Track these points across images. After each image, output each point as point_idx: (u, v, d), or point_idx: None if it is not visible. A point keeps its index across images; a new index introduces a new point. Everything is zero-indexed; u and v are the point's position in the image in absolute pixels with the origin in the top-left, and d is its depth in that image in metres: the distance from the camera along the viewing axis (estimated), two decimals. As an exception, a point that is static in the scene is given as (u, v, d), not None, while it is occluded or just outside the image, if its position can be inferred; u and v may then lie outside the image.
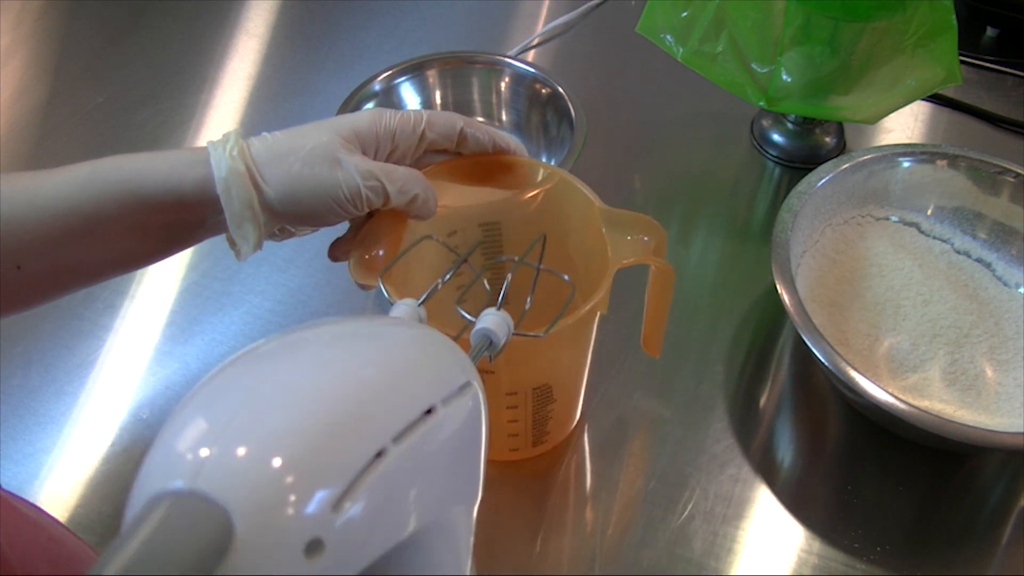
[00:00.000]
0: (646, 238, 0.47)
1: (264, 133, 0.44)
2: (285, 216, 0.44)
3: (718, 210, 0.73)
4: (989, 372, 0.58)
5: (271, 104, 0.82)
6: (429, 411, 0.28)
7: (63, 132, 0.79)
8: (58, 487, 0.56)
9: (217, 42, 0.88)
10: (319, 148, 0.43)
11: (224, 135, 0.43)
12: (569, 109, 0.69)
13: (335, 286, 0.67)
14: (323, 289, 0.67)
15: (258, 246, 0.45)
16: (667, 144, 0.74)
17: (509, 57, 0.75)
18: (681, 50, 0.70)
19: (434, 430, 0.28)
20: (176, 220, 0.44)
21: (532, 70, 0.73)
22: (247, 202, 0.42)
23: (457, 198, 0.51)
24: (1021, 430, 0.53)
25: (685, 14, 0.69)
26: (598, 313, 0.47)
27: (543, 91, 0.72)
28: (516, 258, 0.44)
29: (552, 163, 0.68)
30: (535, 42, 0.87)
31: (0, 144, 0.78)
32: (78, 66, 0.85)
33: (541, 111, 0.73)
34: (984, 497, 0.57)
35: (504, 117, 0.75)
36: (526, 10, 0.91)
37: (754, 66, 0.68)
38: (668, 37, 0.70)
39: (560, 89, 0.71)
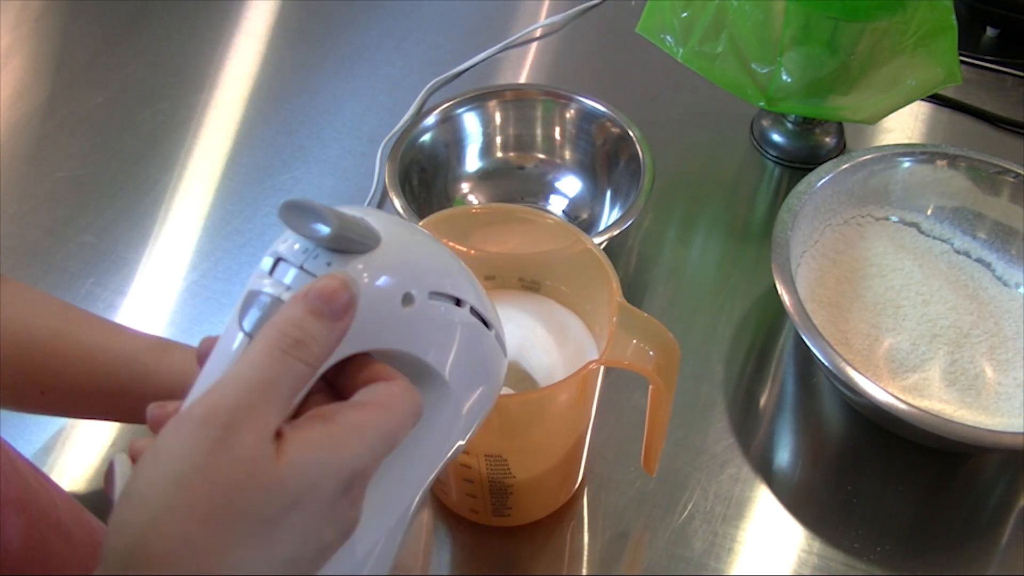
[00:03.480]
0: (652, 352, 0.45)
1: None
2: None
3: (718, 210, 0.73)
4: (989, 372, 0.58)
5: (271, 104, 0.82)
6: (486, 324, 0.37)
7: (63, 132, 0.79)
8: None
9: (217, 42, 0.88)
10: None
11: None
12: (637, 150, 0.66)
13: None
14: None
15: None
16: (667, 144, 0.74)
17: (575, 93, 0.71)
18: (681, 50, 0.70)
19: (480, 331, 0.36)
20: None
21: (600, 108, 0.69)
22: None
23: (495, 244, 0.51)
24: (1021, 430, 0.53)
25: (685, 14, 0.69)
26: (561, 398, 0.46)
27: (612, 129, 0.69)
28: None
29: (617, 208, 0.66)
30: (537, 32, 0.87)
31: (0, 144, 0.78)
32: (78, 66, 0.85)
33: (607, 150, 0.69)
34: (984, 497, 0.57)
35: (567, 155, 0.72)
36: (527, 10, 0.91)
37: (754, 66, 0.68)
38: (668, 37, 0.70)
39: (630, 133, 0.67)
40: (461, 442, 0.37)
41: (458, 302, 0.35)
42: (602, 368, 0.47)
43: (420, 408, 0.32)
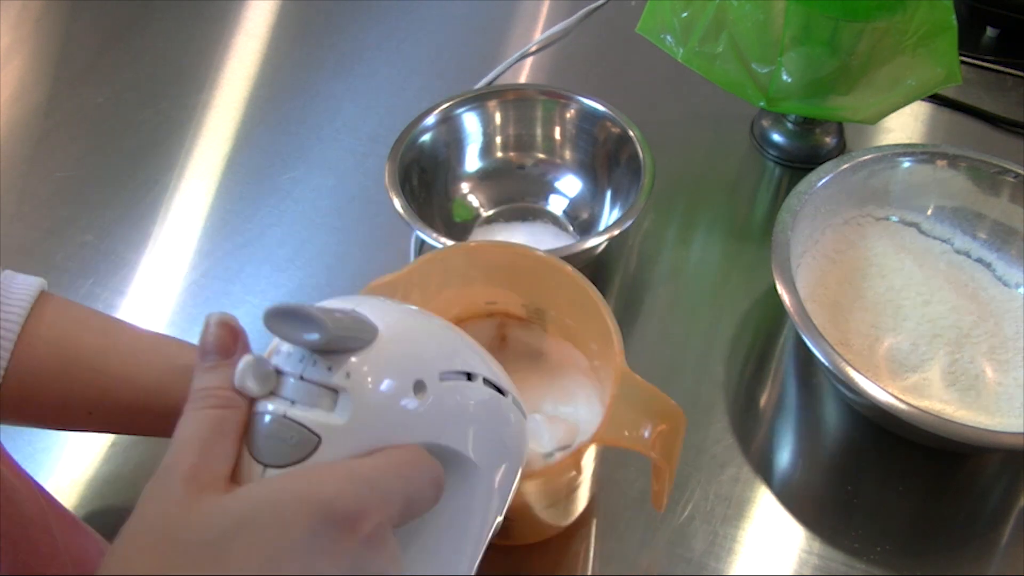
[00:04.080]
0: (647, 432, 0.42)
1: None
2: None
3: (718, 210, 0.73)
4: (989, 372, 0.58)
5: (271, 104, 0.82)
6: (500, 391, 0.36)
7: (63, 132, 0.79)
8: (58, 488, 0.56)
9: (217, 42, 0.88)
10: None
11: None
12: (637, 150, 0.66)
13: (335, 286, 0.67)
14: (323, 289, 0.67)
15: None
16: (667, 144, 0.74)
17: (575, 93, 0.70)
18: (681, 50, 0.70)
19: (497, 401, 0.36)
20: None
21: (600, 108, 0.69)
22: None
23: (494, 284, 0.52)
24: (1021, 430, 0.53)
25: (685, 14, 0.69)
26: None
27: (612, 129, 0.68)
28: None
29: (617, 208, 0.66)
30: (532, 49, 0.87)
31: (0, 144, 0.78)
32: (78, 66, 0.85)
33: (607, 150, 0.69)
34: (984, 497, 0.57)
35: (567, 155, 0.72)
36: (527, 10, 0.91)
37: (754, 66, 0.68)
38: (668, 37, 0.70)
39: (630, 133, 0.67)
40: (499, 518, 0.36)
41: (470, 376, 0.34)
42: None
43: (441, 479, 0.31)
